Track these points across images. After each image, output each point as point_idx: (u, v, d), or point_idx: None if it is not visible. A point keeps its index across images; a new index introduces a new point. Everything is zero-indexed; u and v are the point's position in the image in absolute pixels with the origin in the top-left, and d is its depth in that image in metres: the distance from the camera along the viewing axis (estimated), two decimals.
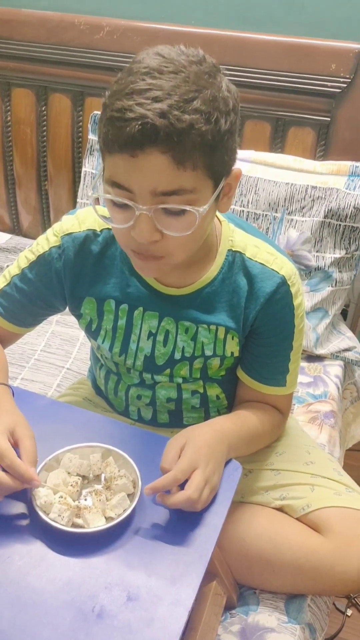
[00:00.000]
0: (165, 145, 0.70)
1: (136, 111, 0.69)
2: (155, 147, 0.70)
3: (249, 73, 1.52)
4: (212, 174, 0.76)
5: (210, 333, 0.94)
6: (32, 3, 1.73)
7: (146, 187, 0.73)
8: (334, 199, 1.44)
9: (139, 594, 0.67)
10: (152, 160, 0.71)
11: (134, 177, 0.73)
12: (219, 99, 0.73)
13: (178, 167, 0.71)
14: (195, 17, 1.59)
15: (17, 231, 2.05)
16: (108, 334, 0.97)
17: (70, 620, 0.65)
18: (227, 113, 0.75)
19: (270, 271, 0.90)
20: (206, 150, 0.72)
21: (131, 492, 0.77)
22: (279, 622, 0.92)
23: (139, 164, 0.71)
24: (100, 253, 0.93)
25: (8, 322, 1.00)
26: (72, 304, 0.98)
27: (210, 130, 0.72)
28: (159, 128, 0.68)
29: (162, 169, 0.71)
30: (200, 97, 0.71)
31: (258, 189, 1.49)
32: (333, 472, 1.02)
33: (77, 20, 1.64)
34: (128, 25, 1.60)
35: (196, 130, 0.70)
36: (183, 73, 0.72)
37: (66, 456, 0.80)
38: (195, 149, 0.71)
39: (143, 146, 0.70)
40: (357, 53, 1.43)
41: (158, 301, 0.93)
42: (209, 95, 0.72)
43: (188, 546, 0.73)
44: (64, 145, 1.81)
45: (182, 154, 0.71)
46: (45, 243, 0.94)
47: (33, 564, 0.70)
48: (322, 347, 1.53)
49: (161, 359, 0.97)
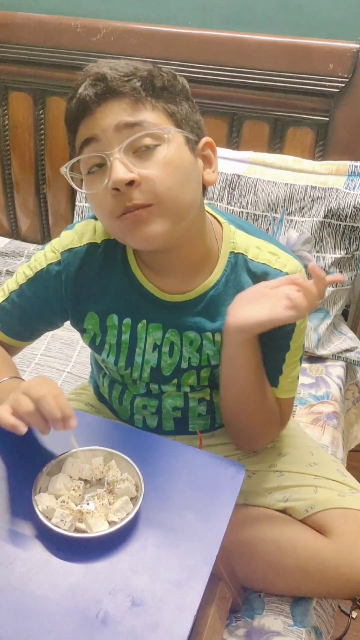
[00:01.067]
0: (117, 91, 0.77)
1: (84, 74, 0.79)
2: (110, 96, 0.77)
3: (246, 74, 1.51)
4: (175, 121, 0.80)
5: (215, 345, 0.93)
6: (28, 6, 1.73)
7: (111, 124, 0.76)
8: (334, 199, 1.44)
9: (143, 599, 0.66)
10: (111, 108, 0.77)
11: (98, 124, 0.77)
12: (164, 68, 0.82)
13: (136, 105, 0.77)
14: (192, 19, 1.59)
15: (16, 235, 2.04)
16: (112, 349, 0.96)
17: (74, 627, 0.64)
18: (174, 78, 0.83)
19: (274, 270, 0.89)
20: (160, 93, 0.79)
21: (134, 495, 0.76)
22: (285, 626, 0.92)
23: (100, 116, 0.77)
24: (101, 265, 0.91)
25: (7, 336, 0.99)
26: (75, 319, 0.96)
27: (159, 76, 0.80)
28: (106, 75, 0.77)
29: (122, 110, 0.77)
30: (147, 63, 0.81)
31: (257, 189, 1.48)
32: (337, 474, 1.01)
33: (74, 23, 1.63)
34: (125, 28, 1.59)
35: (141, 72, 0.78)
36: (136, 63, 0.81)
37: (68, 460, 0.79)
38: (148, 89, 0.78)
39: (99, 100, 0.77)
40: (354, 52, 1.43)
41: (161, 310, 0.92)
42: (153, 64, 0.82)
43: (192, 550, 0.72)
44: (62, 148, 1.80)
45: (135, 93, 0.77)
46: (44, 260, 0.93)
47: (36, 570, 0.69)
48: (323, 348, 1.52)
49: (167, 370, 0.96)
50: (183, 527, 0.74)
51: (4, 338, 0.99)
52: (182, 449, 0.86)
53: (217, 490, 0.79)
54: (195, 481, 0.81)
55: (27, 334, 1.01)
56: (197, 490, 0.79)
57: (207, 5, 1.57)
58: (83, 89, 0.78)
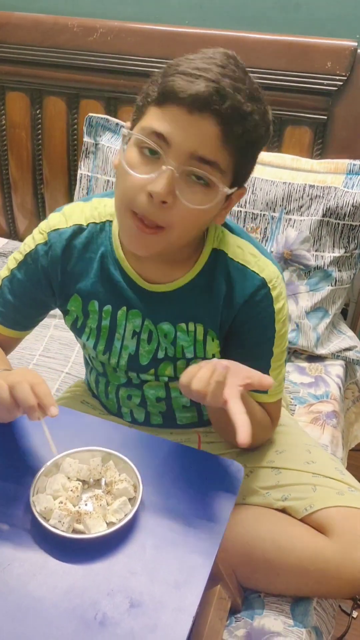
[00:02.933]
0: (223, 119, 0.72)
1: (212, 74, 0.72)
2: (214, 115, 0.72)
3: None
4: (237, 172, 0.78)
5: (189, 336, 0.93)
6: (25, 6, 1.72)
7: (188, 146, 0.74)
8: (332, 198, 1.43)
9: (142, 601, 0.66)
10: (204, 125, 0.73)
11: (180, 131, 0.74)
12: (268, 116, 0.79)
13: (222, 144, 0.74)
14: (189, 18, 1.59)
15: (14, 236, 2.04)
16: (93, 332, 0.97)
17: (72, 629, 0.63)
18: (268, 131, 0.80)
19: (251, 272, 0.89)
20: (249, 145, 0.77)
21: (132, 496, 0.76)
22: (285, 626, 0.91)
23: (191, 122, 0.73)
24: (83, 247, 0.92)
25: (4, 326, 0.99)
26: (61, 300, 0.97)
27: (260, 129, 0.76)
28: (228, 98, 0.72)
29: (210, 137, 0.73)
30: (261, 100, 0.77)
31: (255, 188, 1.48)
32: (335, 472, 1.01)
33: (71, 22, 1.63)
34: (122, 27, 1.59)
35: (252, 120, 0.74)
36: (246, 79, 0.77)
37: (66, 461, 0.79)
38: (243, 137, 0.75)
39: (204, 109, 0.72)
40: (352, 51, 1.43)
41: (140, 298, 0.92)
42: (265, 106, 0.78)
43: (191, 550, 0.71)
44: (59, 148, 1.80)
45: (232, 134, 0.74)
46: (32, 242, 0.94)
47: (33, 571, 0.69)
48: (322, 347, 1.52)
49: (145, 358, 0.96)
50: (182, 527, 0.74)
51: (1, 330, 1.00)
52: (181, 449, 0.85)
53: (216, 491, 0.79)
54: (193, 481, 0.80)
55: (23, 322, 1.02)
56: (196, 490, 0.79)
57: (204, 3, 1.57)
58: (203, 87, 0.71)
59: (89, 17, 1.64)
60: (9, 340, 1.02)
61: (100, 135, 1.66)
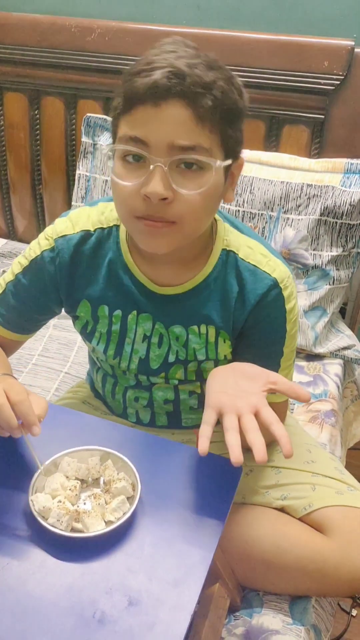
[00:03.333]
0: (189, 98, 0.71)
1: (164, 61, 0.72)
2: (179, 98, 0.71)
3: (241, 72, 1.49)
4: (225, 146, 0.77)
5: (200, 338, 0.93)
6: (23, 7, 1.72)
7: (165, 138, 0.73)
8: (330, 197, 1.44)
9: (140, 599, 0.66)
10: (174, 112, 0.72)
11: (153, 128, 0.73)
12: (235, 82, 0.78)
13: (197, 124, 0.73)
14: (186, 17, 1.59)
15: (13, 236, 2.04)
16: (103, 337, 0.97)
17: (70, 627, 0.64)
18: (241, 95, 0.78)
19: (262, 273, 0.89)
20: (224, 115, 0.75)
21: (130, 494, 0.76)
22: (284, 624, 0.91)
23: (160, 115, 0.72)
24: (92, 253, 0.92)
25: (7, 330, 0.99)
26: (69, 306, 0.97)
27: (230, 95, 0.75)
28: (186, 75, 0.71)
29: (182, 121, 0.72)
30: (221, 68, 0.76)
31: (253, 188, 1.48)
32: (334, 471, 1.01)
33: (68, 23, 1.63)
34: (119, 27, 1.59)
35: (218, 88, 0.73)
36: (203, 55, 0.75)
37: (64, 460, 0.79)
38: (216, 109, 0.73)
39: (167, 96, 0.71)
40: (349, 50, 1.43)
41: (151, 301, 0.92)
42: (228, 73, 0.76)
43: (189, 549, 0.71)
44: (57, 148, 1.80)
45: (204, 110, 0.72)
46: (37, 247, 0.93)
47: (32, 570, 0.69)
48: (321, 346, 1.52)
49: (155, 362, 0.96)
50: (180, 526, 0.74)
51: (3, 332, 1.00)
52: (179, 448, 0.86)
53: (214, 489, 0.79)
54: (192, 480, 0.81)
55: (26, 326, 1.02)
56: (194, 489, 0.79)
57: (201, 3, 1.57)
58: (159, 75, 0.71)
59: (87, 18, 1.64)
60: (11, 343, 1.02)
61: (98, 135, 1.66)
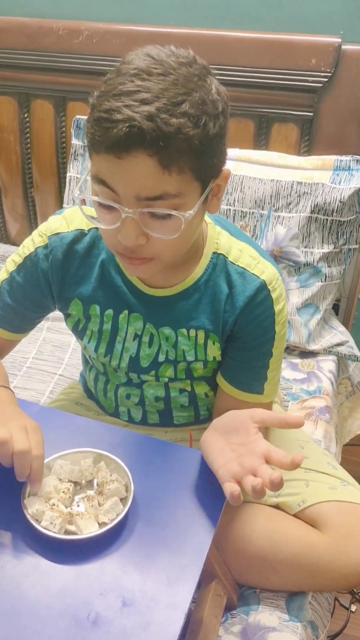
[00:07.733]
0: (152, 148, 0.68)
1: (124, 113, 0.67)
2: (142, 150, 0.69)
3: (230, 71, 1.51)
4: (200, 177, 0.75)
5: (190, 340, 0.94)
6: (10, 10, 1.72)
7: (130, 191, 0.72)
8: (320, 194, 1.44)
9: (134, 599, 0.67)
10: (137, 164, 0.70)
11: (119, 179, 0.72)
12: (208, 102, 0.72)
13: (163, 172, 0.70)
14: (174, 18, 1.59)
15: (5, 239, 2.04)
16: (94, 335, 0.97)
17: (65, 629, 0.64)
18: (216, 116, 0.74)
19: (251, 275, 0.89)
20: (193, 154, 0.71)
21: (124, 496, 0.76)
22: (280, 621, 0.92)
23: (124, 166, 0.70)
24: (85, 252, 0.92)
25: (3, 329, 1.00)
26: (61, 304, 0.97)
27: (198, 134, 0.71)
28: (146, 131, 0.67)
29: (147, 172, 0.70)
30: (188, 100, 0.70)
31: (244, 186, 1.48)
32: (327, 466, 1.01)
33: (56, 25, 1.63)
34: (107, 29, 1.59)
35: (183, 134, 0.69)
36: (172, 75, 0.70)
37: (57, 463, 0.79)
38: (182, 153, 0.70)
39: (129, 149, 0.69)
40: (336, 47, 1.43)
41: (142, 302, 0.93)
42: (198, 99, 0.71)
43: (183, 548, 0.72)
44: (48, 151, 1.80)
45: (169, 158, 0.69)
46: (31, 244, 0.94)
47: (26, 572, 0.69)
48: (314, 343, 1.52)
49: (145, 361, 0.97)
50: (173, 526, 0.75)
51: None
52: (172, 448, 0.86)
53: (207, 489, 0.79)
54: (185, 480, 0.81)
55: (22, 324, 1.02)
56: (187, 488, 0.80)
57: (188, 3, 1.57)
58: (119, 131, 0.68)
59: (74, 20, 1.64)
60: (5, 343, 1.03)
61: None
